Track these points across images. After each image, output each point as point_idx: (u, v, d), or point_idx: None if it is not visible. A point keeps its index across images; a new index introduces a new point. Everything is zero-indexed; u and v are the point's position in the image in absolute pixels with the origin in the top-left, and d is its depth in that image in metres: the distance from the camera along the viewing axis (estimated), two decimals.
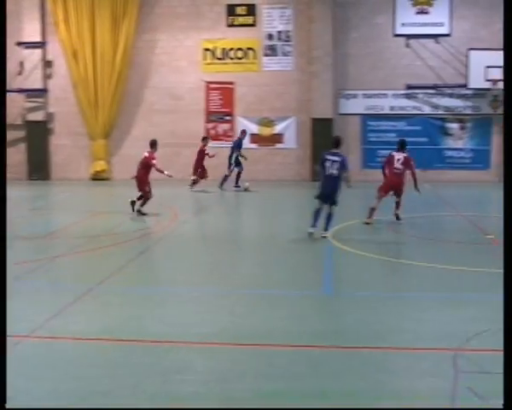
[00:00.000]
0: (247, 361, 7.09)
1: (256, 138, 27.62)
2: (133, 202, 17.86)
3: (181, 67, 27.84)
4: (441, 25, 26.67)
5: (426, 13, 26.82)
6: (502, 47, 27.67)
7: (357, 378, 6.61)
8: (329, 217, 14.28)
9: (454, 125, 27.12)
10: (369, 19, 26.99)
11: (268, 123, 27.56)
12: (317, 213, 14.18)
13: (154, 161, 17.90)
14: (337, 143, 14.58)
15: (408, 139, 26.34)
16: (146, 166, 17.99)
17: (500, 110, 26.73)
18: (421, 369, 6.89)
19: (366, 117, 27.35)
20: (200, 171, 23.93)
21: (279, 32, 27.38)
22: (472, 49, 25.81)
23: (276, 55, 27.46)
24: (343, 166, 14.15)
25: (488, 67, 25.36)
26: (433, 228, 16.91)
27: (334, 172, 14.03)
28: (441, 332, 8.07)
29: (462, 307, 9.15)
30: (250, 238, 15.48)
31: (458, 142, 27.15)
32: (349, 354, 7.37)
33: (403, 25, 26.88)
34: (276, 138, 27.78)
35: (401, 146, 16.89)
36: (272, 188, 24.63)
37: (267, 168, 27.51)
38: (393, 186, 16.46)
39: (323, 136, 26.01)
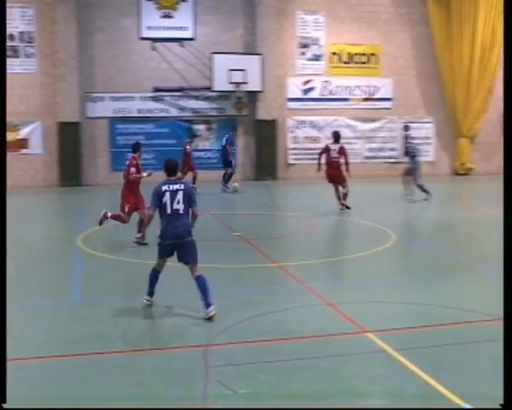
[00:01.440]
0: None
1: None
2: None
3: None
4: (186, 29, 27.19)
5: (170, 17, 27.19)
6: (243, 51, 28.75)
7: (107, 383, 6.51)
8: (202, 284, 8.85)
9: (200, 127, 27.78)
10: (115, 21, 26.82)
11: (12, 127, 26.31)
12: (155, 274, 9.22)
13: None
14: (173, 168, 9.28)
15: (156, 141, 26.54)
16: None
17: (244, 112, 27.88)
18: (173, 368, 6.95)
19: (114, 120, 27.13)
20: None
21: (21, 32, 26.27)
22: (215, 53, 26.60)
23: (18, 57, 26.29)
24: (190, 197, 9.10)
25: (231, 70, 26.31)
26: None
27: (180, 208, 8.98)
28: (193, 330, 8.21)
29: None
30: None
31: (205, 143, 27.87)
32: (102, 360, 7.24)
33: (148, 28, 27.02)
34: (21, 144, 26.63)
35: (336, 138, 18.86)
36: (18, 195, 23.58)
37: (12, 175, 26.24)
38: (332, 177, 18.34)
39: (71, 140, 25.51)
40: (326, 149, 18.89)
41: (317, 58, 28.54)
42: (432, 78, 29.52)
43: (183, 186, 9.01)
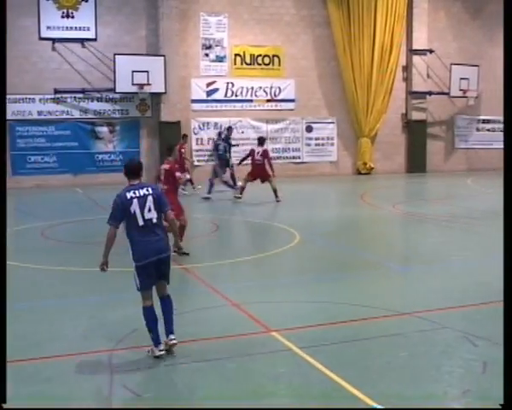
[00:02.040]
0: None
1: None
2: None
3: None
4: (87, 29, 26.71)
5: (71, 17, 26.67)
6: (146, 53, 28.43)
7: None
8: (170, 305, 7.61)
9: (104, 129, 27.38)
10: (14, 21, 26.00)
11: None
12: (150, 313, 7.36)
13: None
14: (137, 170, 7.70)
15: (58, 144, 25.96)
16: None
17: (148, 113, 27.65)
18: (82, 373, 6.84)
19: (14, 123, 26.36)
20: None
21: None
22: (118, 54, 26.27)
23: None
24: (161, 201, 7.57)
25: (134, 71, 26.02)
26: (88, 232, 16.85)
27: (153, 216, 7.44)
28: (98, 334, 8.09)
29: (119, 307, 9.26)
30: None
31: (109, 145, 27.48)
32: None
33: (48, 28, 26.40)
34: None
35: (260, 142, 21.17)
36: None
37: None
38: (257, 175, 20.68)
39: None
40: (251, 152, 20.98)
41: (220, 59, 28.60)
42: (334, 79, 30.07)
43: (150, 190, 7.51)
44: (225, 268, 12.11)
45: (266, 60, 29.25)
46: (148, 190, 7.46)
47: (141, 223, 7.33)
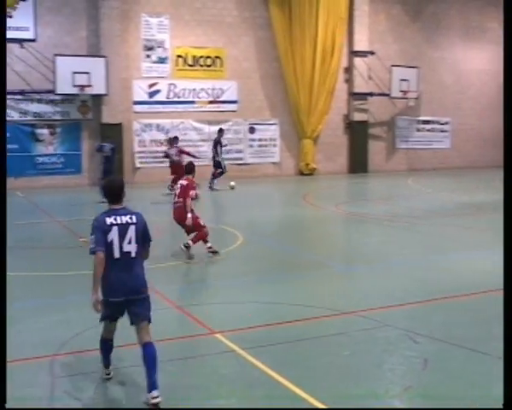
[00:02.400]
0: None
1: None
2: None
3: None
4: (26, 29, 26.18)
5: (9, 16, 26.14)
6: (87, 54, 28.04)
7: None
8: (153, 354, 6.32)
9: (44, 131, 26.95)
10: None
11: None
12: (106, 345, 6.71)
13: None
14: (119, 191, 6.56)
15: None
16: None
17: (89, 115, 27.32)
18: (22, 380, 6.71)
19: None
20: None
21: None
22: (58, 55, 25.90)
23: None
24: (145, 234, 6.56)
25: (75, 72, 25.69)
26: (29, 236, 16.55)
27: (133, 249, 6.42)
28: (38, 340, 7.96)
29: (61, 311, 9.12)
30: None
31: (49, 147, 27.05)
32: None
33: None
34: None
35: (170, 142, 23.97)
36: None
37: None
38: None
39: None
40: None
41: (162, 61, 28.44)
42: (276, 80, 30.20)
43: (134, 218, 6.42)
44: (169, 271, 12.02)
45: (208, 61, 29.21)
46: (131, 219, 6.40)
47: (117, 255, 6.29)
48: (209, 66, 29.22)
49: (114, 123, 27.11)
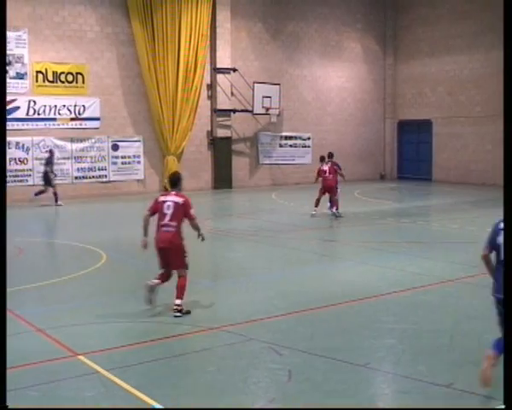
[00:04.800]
0: None
1: None
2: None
3: None
4: None
5: None
6: None
7: None
8: None
9: None
10: None
11: None
12: None
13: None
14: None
15: None
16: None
17: None
18: None
19: None
20: None
21: None
22: None
23: None
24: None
25: None
26: None
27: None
28: None
29: None
30: None
31: None
32: None
33: None
34: None
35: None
36: None
37: None
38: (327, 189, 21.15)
39: None
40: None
41: (21, 77, 27.54)
42: (139, 97, 29.97)
43: None
44: (30, 293, 11.64)
45: (70, 77, 28.57)
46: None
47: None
48: (70, 82, 28.59)
49: None
